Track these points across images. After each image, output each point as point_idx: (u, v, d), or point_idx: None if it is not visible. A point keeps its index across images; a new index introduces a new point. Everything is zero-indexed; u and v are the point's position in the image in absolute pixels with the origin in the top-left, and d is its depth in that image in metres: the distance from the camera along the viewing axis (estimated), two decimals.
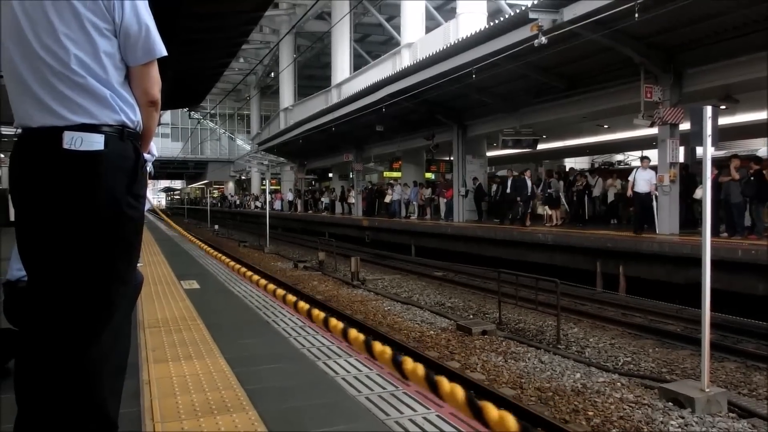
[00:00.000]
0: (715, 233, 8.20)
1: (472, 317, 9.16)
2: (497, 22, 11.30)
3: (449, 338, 7.71)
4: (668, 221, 11.28)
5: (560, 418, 4.96)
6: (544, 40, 9.79)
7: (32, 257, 1.63)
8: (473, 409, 1.15)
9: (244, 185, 54.79)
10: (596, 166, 26.14)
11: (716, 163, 9.96)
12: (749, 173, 10.04)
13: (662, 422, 4.81)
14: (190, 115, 46.39)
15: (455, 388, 1.22)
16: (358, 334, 1.67)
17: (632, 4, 8.41)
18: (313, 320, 1.77)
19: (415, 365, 1.34)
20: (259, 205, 38.25)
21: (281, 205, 35.38)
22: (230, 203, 51.53)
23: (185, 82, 15.28)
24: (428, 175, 23.31)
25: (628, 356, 6.95)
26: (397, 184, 23.19)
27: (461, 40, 12.56)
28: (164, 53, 1.68)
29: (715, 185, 9.81)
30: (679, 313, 8.65)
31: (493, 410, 1.14)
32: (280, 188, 39.52)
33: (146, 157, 1.82)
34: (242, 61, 40.65)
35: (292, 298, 2.05)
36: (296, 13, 31.94)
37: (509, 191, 15.92)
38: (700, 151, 5.26)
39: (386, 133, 21.08)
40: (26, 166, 1.59)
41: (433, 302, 10.50)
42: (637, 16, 8.54)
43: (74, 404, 1.60)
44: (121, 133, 1.62)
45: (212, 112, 49.98)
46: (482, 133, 17.90)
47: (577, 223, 14.71)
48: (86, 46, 1.57)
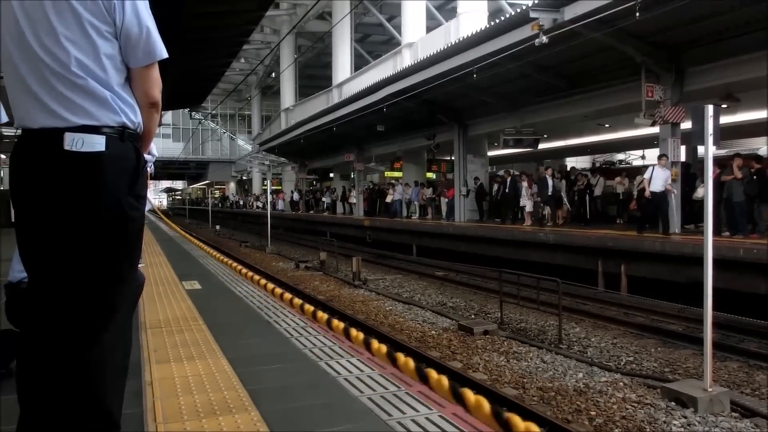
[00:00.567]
0: (716, 232, 8.19)
1: (473, 317, 9.15)
2: (498, 21, 11.30)
3: (451, 338, 7.70)
4: (670, 220, 11.26)
5: (563, 418, 4.95)
6: (545, 39, 9.79)
7: (33, 258, 1.63)
8: (499, 421, 1.16)
9: (245, 186, 54.82)
10: (597, 165, 26.12)
11: (717, 162, 9.95)
12: (751, 172, 10.03)
13: (665, 422, 4.80)
14: (191, 115, 46.47)
15: (481, 400, 1.24)
16: (380, 345, 1.68)
17: (633, 3, 8.40)
18: (317, 321, 1.77)
19: (439, 377, 1.35)
20: (260, 205, 38.25)
21: (283, 205, 35.31)
22: (231, 203, 51.57)
23: (186, 82, 15.29)
24: (429, 174, 23.30)
25: (630, 356, 6.94)
26: (398, 183, 23.19)
27: (462, 39, 12.55)
28: (165, 55, 1.68)
29: (717, 184, 9.79)
30: (681, 312, 8.64)
31: (519, 422, 1.15)
32: (281, 188, 39.44)
33: (147, 157, 1.82)
34: (243, 61, 40.65)
35: (298, 301, 2.06)
36: (297, 13, 31.95)
37: (508, 191, 15.96)
38: (701, 150, 5.24)
39: (387, 132, 21.08)
40: (27, 167, 1.59)
41: (434, 302, 10.50)
42: (638, 14, 8.53)
43: (76, 404, 1.60)
44: (121, 134, 1.62)
45: (213, 112, 49.99)
46: (483, 132, 17.90)
47: (578, 222, 14.70)
48: (86, 47, 1.57)
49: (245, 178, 54.31)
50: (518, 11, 10.55)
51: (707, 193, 5.20)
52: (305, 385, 2.92)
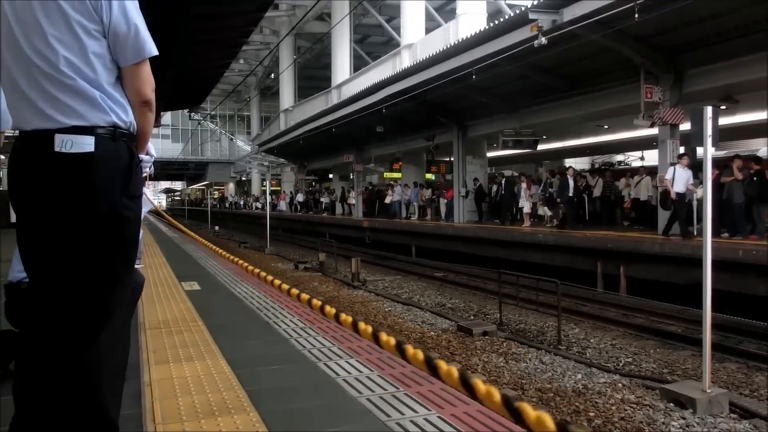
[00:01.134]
0: (715, 233, 8.17)
1: (472, 318, 9.15)
2: (497, 22, 11.31)
3: (450, 339, 7.70)
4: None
5: (562, 419, 4.95)
6: (544, 40, 9.79)
7: (31, 260, 1.63)
8: (510, 410, 1.17)
9: (245, 187, 54.81)
10: (596, 166, 26.14)
11: (717, 163, 9.92)
12: (750, 173, 10.04)
13: (663, 423, 4.80)
14: (190, 116, 46.43)
15: (491, 389, 1.25)
16: (388, 337, 1.69)
17: (632, 4, 8.41)
18: (325, 315, 1.79)
19: (449, 368, 1.37)
20: (259, 206, 38.21)
21: (285, 206, 35.13)
22: (230, 204, 51.55)
23: (186, 83, 15.28)
24: (428, 175, 23.31)
25: (629, 357, 6.94)
26: (397, 184, 23.20)
27: (461, 40, 12.56)
28: (154, 53, 1.67)
29: (716, 186, 9.79)
30: (680, 313, 8.64)
31: (530, 411, 1.15)
32: (282, 189, 39.37)
33: (144, 158, 1.82)
34: (242, 62, 40.66)
35: (305, 296, 2.06)
36: (296, 14, 31.97)
37: (504, 192, 16.00)
38: (700, 151, 5.24)
39: (386, 133, 21.09)
40: (21, 169, 1.60)
41: (433, 303, 10.50)
42: (637, 16, 8.54)
43: (74, 405, 1.60)
44: (113, 134, 1.61)
45: (213, 113, 49.98)
46: (482, 133, 17.91)
47: (577, 223, 14.68)
48: (74, 47, 1.57)
49: (244, 178, 54.29)
50: (517, 12, 10.56)
51: (706, 194, 5.21)
52: (304, 386, 2.92)
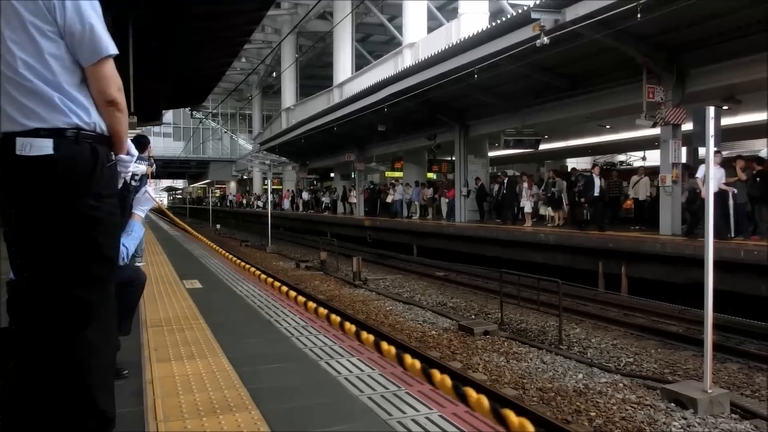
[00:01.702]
0: (717, 234, 8.14)
1: (473, 317, 9.15)
2: (499, 22, 11.29)
3: (451, 338, 7.70)
4: (670, 222, 11.26)
5: (562, 418, 4.96)
6: (546, 40, 9.78)
7: (10, 259, 1.67)
8: (498, 418, 1.18)
9: (246, 186, 54.82)
10: (598, 166, 26.06)
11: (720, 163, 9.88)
12: (753, 174, 10.03)
13: (664, 423, 4.80)
14: (192, 114, 46.40)
15: (482, 398, 1.26)
16: (389, 346, 1.71)
17: (634, 4, 8.39)
18: (331, 323, 1.79)
19: (442, 377, 1.39)
20: (260, 204, 38.17)
21: (289, 204, 34.94)
22: (230, 202, 51.56)
23: (187, 81, 15.29)
24: (430, 175, 23.30)
25: (630, 357, 6.93)
26: (398, 183, 23.19)
27: (463, 40, 12.54)
28: (112, 52, 1.67)
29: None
30: (681, 313, 8.64)
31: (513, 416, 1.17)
32: (288, 188, 39.22)
33: (124, 158, 1.82)
34: (244, 60, 40.63)
35: (312, 304, 2.07)
36: (298, 12, 31.94)
37: (506, 192, 15.98)
38: (702, 151, 5.25)
39: (388, 132, 21.07)
40: None
41: (434, 302, 10.50)
42: (639, 16, 8.52)
43: (68, 402, 1.62)
44: (75, 136, 1.62)
45: (214, 111, 49.98)
46: (484, 133, 17.89)
47: (579, 223, 14.65)
48: (30, 49, 1.58)
49: (246, 177, 54.28)
50: (519, 12, 10.54)
51: (708, 194, 5.20)
52: (306, 384, 2.93)
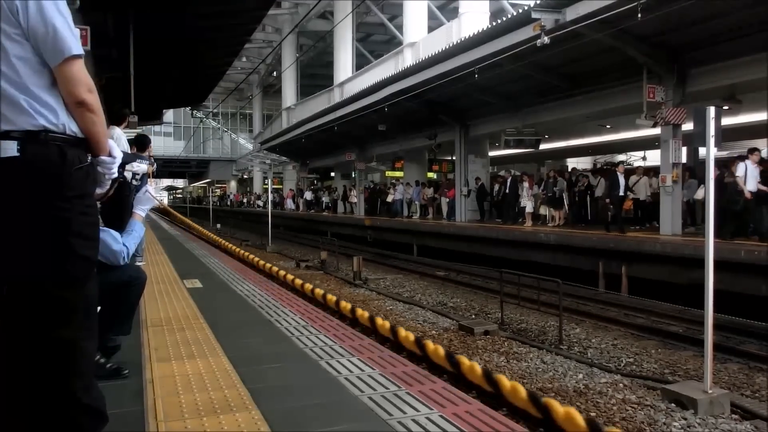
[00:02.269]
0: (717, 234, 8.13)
1: (474, 317, 9.15)
2: (500, 21, 11.30)
3: (451, 338, 7.70)
4: (671, 222, 11.26)
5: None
6: (546, 40, 9.78)
7: None
8: (537, 406, 1.17)
9: (247, 186, 54.84)
10: (599, 166, 26.10)
11: (720, 163, 9.88)
12: None
13: (665, 423, 4.80)
14: (192, 114, 46.45)
15: (516, 385, 1.25)
16: (407, 333, 1.68)
17: (635, 4, 8.39)
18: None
19: (472, 363, 1.36)
20: (260, 204, 38.16)
21: (292, 204, 34.84)
22: (231, 202, 51.57)
23: (188, 81, 15.32)
24: (430, 174, 23.32)
25: (630, 357, 6.93)
26: (399, 183, 23.19)
27: (464, 39, 12.55)
28: (75, 52, 1.66)
29: (719, 185, 9.76)
30: (681, 313, 8.63)
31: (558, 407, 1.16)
32: (291, 187, 39.18)
33: (105, 159, 1.81)
34: (245, 60, 40.63)
35: (319, 291, 2.06)
36: (299, 12, 31.95)
37: (508, 191, 15.97)
38: (702, 151, 5.25)
39: (388, 132, 21.08)
40: None
41: (435, 302, 10.49)
42: (639, 16, 8.52)
43: (56, 401, 1.63)
44: (43, 138, 1.62)
45: (215, 111, 50.00)
46: (484, 132, 17.90)
47: (579, 223, 14.67)
48: None
49: (246, 177, 54.31)
50: (520, 12, 10.54)
51: (708, 194, 5.20)
52: (306, 384, 2.93)
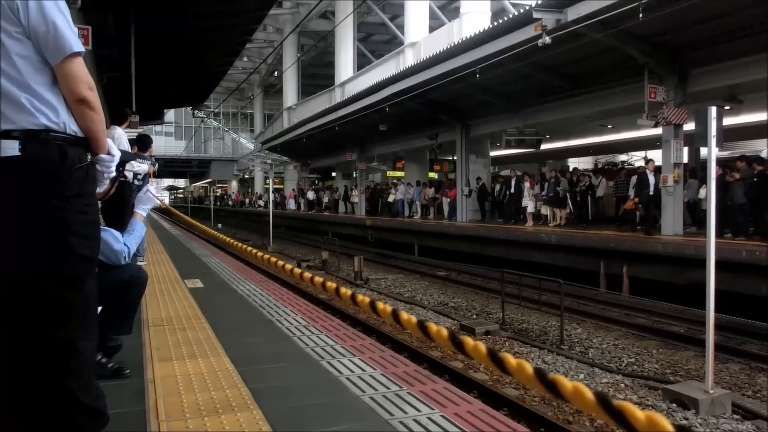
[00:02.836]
0: (718, 234, 8.13)
1: (475, 317, 9.15)
2: (501, 21, 11.29)
3: None
4: (672, 222, 11.25)
5: (563, 419, 4.95)
6: (548, 39, 9.77)
7: None
8: (545, 383, 1.16)
9: (248, 186, 54.87)
10: (600, 166, 26.08)
11: (722, 163, 9.87)
12: (753, 174, 10.01)
13: None
14: (193, 113, 46.47)
15: (522, 362, 1.24)
16: (409, 316, 1.67)
17: (636, 4, 8.39)
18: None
19: (476, 343, 1.36)
20: (261, 204, 38.14)
21: (294, 204, 34.81)
22: (231, 202, 51.59)
23: (189, 81, 15.32)
24: (431, 174, 23.31)
25: (631, 357, 6.93)
26: (400, 183, 23.19)
27: (465, 39, 12.54)
28: (76, 49, 1.66)
29: (721, 185, 9.76)
30: (682, 314, 8.63)
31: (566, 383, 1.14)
32: (292, 188, 39.18)
33: (104, 157, 1.81)
34: (246, 60, 40.66)
35: (331, 284, 2.05)
36: (300, 12, 31.95)
37: (513, 191, 15.95)
38: (704, 151, 5.25)
39: (389, 132, 21.08)
40: None
41: (436, 302, 10.50)
42: (641, 16, 8.52)
43: (57, 401, 1.62)
44: (44, 137, 1.63)
45: (216, 110, 50.02)
46: (486, 132, 17.89)
47: (580, 223, 14.65)
48: None
49: (247, 177, 54.34)
50: (521, 12, 10.54)
51: (710, 194, 5.19)
52: (307, 384, 2.93)
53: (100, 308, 2.56)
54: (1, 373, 1.65)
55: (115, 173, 1.93)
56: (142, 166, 5.83)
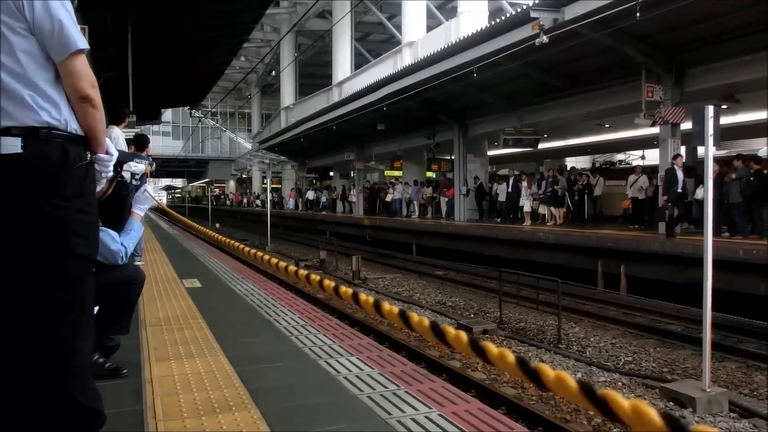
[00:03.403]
0: (716, 233, 8.14)
1: (473, 316, 9.16)
2: (498, 21, 11.29)
3: None
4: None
5: (561, 417, 4.96)
6: (545, 39, 9.78)
7: None
8: (527, 371, 1.15)
9: (246, 186, 54.82)
10: (597, 165, 26.12)
11: (721, 162, 9.89)
12: (750, 173, 10.02)
13: None
14: (191, 113, 46.37)
15: (504, 351, 1.23)
16: (391, 306, 1.66)
17: (633, 3, 8.40)
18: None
19: (457, 332, 1.36)
20: (259, 203, 38.08)
21: (294, 204, 34.73)
22: (230, 201, 51.54)
23: (187, 80, 15.30)
24: (429, 173, 23.31)
25: (629, 356, 6.94)
26: (398, 182, 23.19)
27: (462, 39, 12.54)
28: (80, 47, 1.66)
29: (718, 184, 9.78)
30: (680, 312, 8.65)
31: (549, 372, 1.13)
32: (291, 187, 39.10)
33: (102, 156, 1.81)
34: (243, 59, 40.59)
35: (329, 283, 2.05)
36: (297, 11, 31.91)
37: (511, 191, 15.96)
38: (701, 150, 5.26)
39: (387, 131, 21.08)
40: None
41: (434, 301, 10.50)
42: (638, 15, 8.53)
43: (56, 403, 1.62)
44: (46, 135, 1.62)
45: (213, 110, 49.96)
46: (483, 132, 17.90)
47: (578, 222, 14.67)
48: (2, 46, 1.58)
49: (245, 176, 54.28)
50: (519, 11, 10.54)
51: (707, 193, 5.20)
52: (305, 383, 2.93)
53: (97, 308, 2.56)
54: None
55: (112, 173, 1.92)
56: (139, 166, 5.82)
